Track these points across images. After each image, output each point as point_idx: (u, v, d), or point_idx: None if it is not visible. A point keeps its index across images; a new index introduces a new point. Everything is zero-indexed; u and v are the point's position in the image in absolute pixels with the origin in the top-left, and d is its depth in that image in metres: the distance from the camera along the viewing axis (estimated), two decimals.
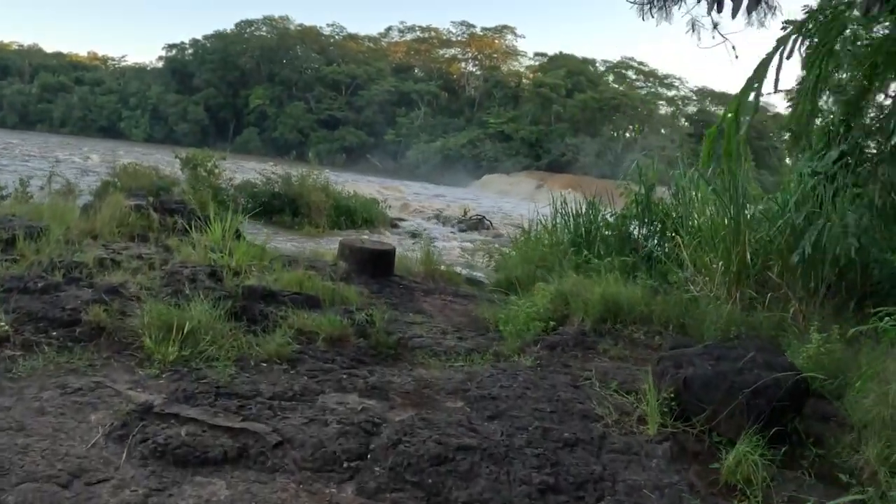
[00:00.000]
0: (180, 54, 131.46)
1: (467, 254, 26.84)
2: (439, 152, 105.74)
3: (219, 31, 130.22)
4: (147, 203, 12.75)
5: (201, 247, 9.64)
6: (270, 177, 30.62)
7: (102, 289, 7.16)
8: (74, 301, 6.60)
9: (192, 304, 6.46)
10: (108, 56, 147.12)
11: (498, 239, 35.16)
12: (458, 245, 30.62)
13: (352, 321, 7.38)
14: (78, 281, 7.47)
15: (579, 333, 8.08)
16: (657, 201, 13.42)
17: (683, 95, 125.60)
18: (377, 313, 7.76)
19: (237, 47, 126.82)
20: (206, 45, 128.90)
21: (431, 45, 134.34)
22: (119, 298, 6.98)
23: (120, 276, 7.84)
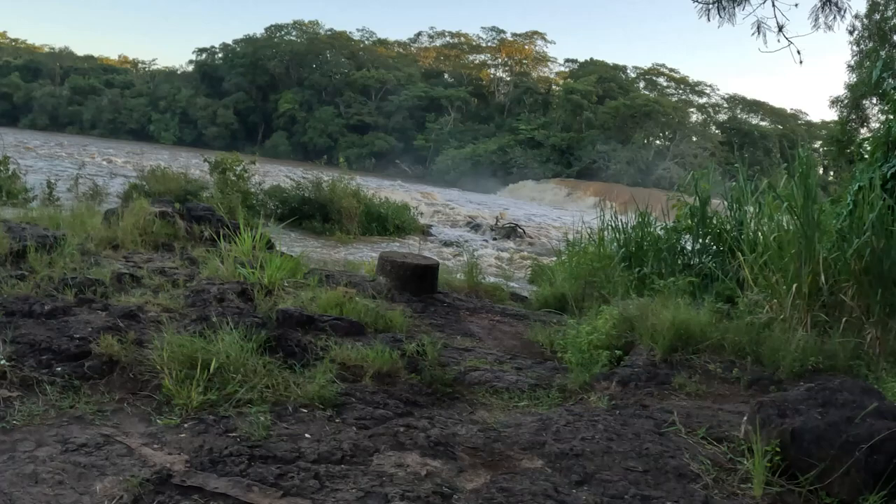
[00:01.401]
0: (210, 58, 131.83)
1: (503, 263, 26.06)
2: (469, 158, 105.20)
3: (248, 36, 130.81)
4: (173, 210, 11.94)
5: (229, 260, 8.83)
6: (301, 181, 29.89)
7: (118, 312, 6.34)
8: (85, 328, 5.76)
9: (219, 333, 5.58)
10: (139, 59, 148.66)
11: (532, 248, 34.55)
12: (493, 253, 29.93)
13: (401, 352, 6.48)
14: (91, 302, 6.66)
15: (649, 365, 7.29)
16: (711, 214, 12.60)
17: (714, 103, 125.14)
18: (429, 343, 6.85)
19: (267, 52, 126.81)
20: (236, 49, 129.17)
21: (461, 51, 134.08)
22: (136, 324, 6.16)
23: (138, 297, 7.04)
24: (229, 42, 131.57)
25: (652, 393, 6.67)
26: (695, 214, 12.54)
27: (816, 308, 8.52)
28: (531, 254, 31.42)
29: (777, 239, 9.37)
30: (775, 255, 9.22)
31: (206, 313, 6.37)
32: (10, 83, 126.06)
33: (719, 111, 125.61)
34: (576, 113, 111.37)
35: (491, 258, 27.82)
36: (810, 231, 8.88)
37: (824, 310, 8.50)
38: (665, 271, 11.74)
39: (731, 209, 12.50)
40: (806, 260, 8.74)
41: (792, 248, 8.95)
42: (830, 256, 8.75)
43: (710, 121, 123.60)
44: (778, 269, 9.12)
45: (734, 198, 12.69)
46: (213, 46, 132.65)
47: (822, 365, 7.29)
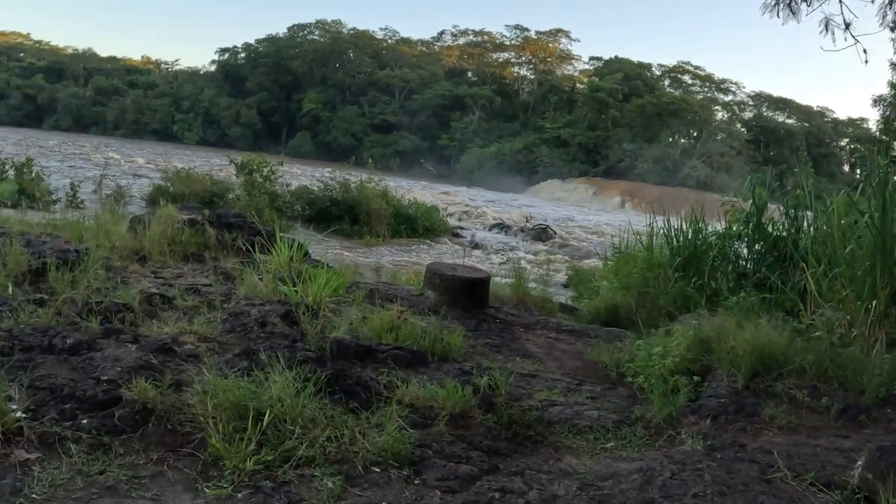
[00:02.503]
0: (233, 58, 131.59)
1: (537, 267, 25.43)
2: (494, 157, 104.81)
3: (271, 36, 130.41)
4: (202, 217, 11.22)
5: (267, 275, 8.07)
6: (328, 183, 29.47)
7: (150, 345, 5.58)
8: (113, 367, 4.98)
9: (268, 372, 4.84)
10: (162, 60, 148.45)
11: (564, 250, 33.96)
12: (524, 256, 29.41)
13: (473, 387, 5.73)
14: (119, 333, 5.89)
15: (733, 393, 6.67)
16: (766, 221, 11.78)
17: (740, 101, 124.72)
18: (500, 376, 6.11)
19: (290, 51, 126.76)
20: (259, 49, 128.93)
21: (485, 49, 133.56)
22: (171, 360, 5.39)
23: (172, 325, 6.29)
24: (252, 42, 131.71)
25: (744, 428, 6.12)
26: (750, 220, 11.74)
27: (891, 325, 7.94)
28: (564, 256, 30.94)
29: (851, 251, 8.74)
30: (847, 268, 8.60)
31: (250, 346, 5.59)
32: (34, 85, 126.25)
33: (745, 109, 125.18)
34: (601, 111, 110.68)
35: (523, 261, 27.24)
36: (890, 243, 8.29)
37: None
38: (723, 282, 11.22)
39: (787, 215, 11.68)
40: (883, 274, 8.12)
41: (867, 261, 8.35)
42: None
43: (735, 119, 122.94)
44: (850, 282, 8.50)
45: (791, 203, 11.92)
46: (236, 46, 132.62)
47: None
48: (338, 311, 7.60)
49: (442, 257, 26.42)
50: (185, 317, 6.69)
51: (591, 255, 33.17)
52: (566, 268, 25.03)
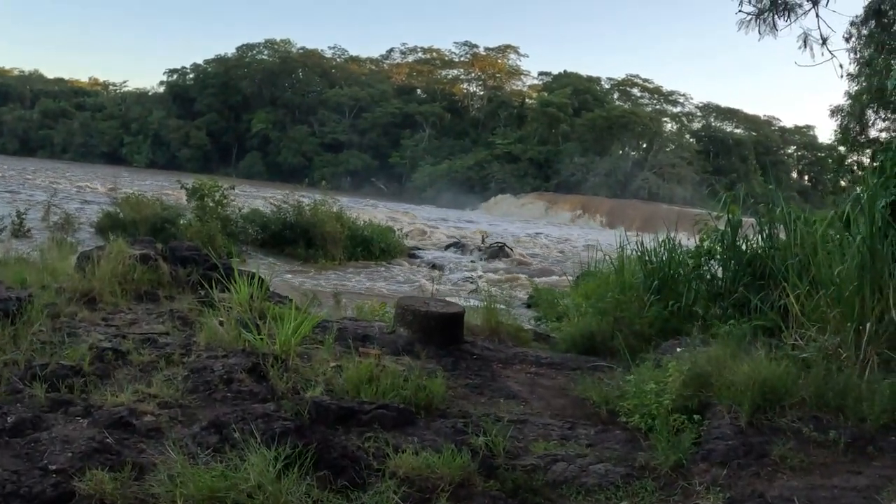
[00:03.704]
0: (181, 79, 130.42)
1: (495, 286, 24.99)
2: (445, 175, 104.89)
3: (220, 56, 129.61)
4: (155, 252, 10.56)
5: (229, 319, 7.41)
6: (281, 206, 28.88)
7: (104, 420, 4.91)
8: (63, 451, 4.31)
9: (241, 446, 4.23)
10: (110, 81, 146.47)
11: (522, 268, 33.68)
12: (482, 276, 29.03)
13: (469, 449, 5.17)
14: (68, 405, 5.23)
15: (738, 432, 6.28)
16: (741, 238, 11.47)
17: (688, 112, 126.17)
18: (496, 430, 5.59)
19: (238, 71, 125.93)
20: (208, 69, 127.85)
21: (434, 66, 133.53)
22: (130, 437, 4.75)
23: (128, 389, 5.60)
24: (200, 62, 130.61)
25: (758, 473, 5.78)
26: (725, 238, 11.38)
27: (880, 345, 7.58)
28: (523, 274, 30.70)
29: (840, 272, 8.35)
30: (836, 289, 8.25)
31: (219, 416, 4.95)
32: None
33: (693, 120, 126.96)
34: (552, 126, 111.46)
35: (482, 281, 26.91)
36: (879, 263, 8.05)
37: (890, 348, 7.53)
38: (699, 303, 10.72)
39: (762, 232, 11.33)
40: (872, 294, 7.85)
41: (854, 281, 8.04)
42: None
43: (684, 130, 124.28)
44: (836, 303, 8.17)
45: (766, 220, 11.59)
46: (184, 67, 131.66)
47: None
48: (307, 356, 7.01)
49: (399, 282, 25.99)
50: (141, 375, 6.06)
51: (550, 272, 33.03)
52: (527, 287, 24.75)
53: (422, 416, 6.22)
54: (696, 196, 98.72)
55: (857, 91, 15.66)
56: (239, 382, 5.84)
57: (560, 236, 57.54)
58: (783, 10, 11.18)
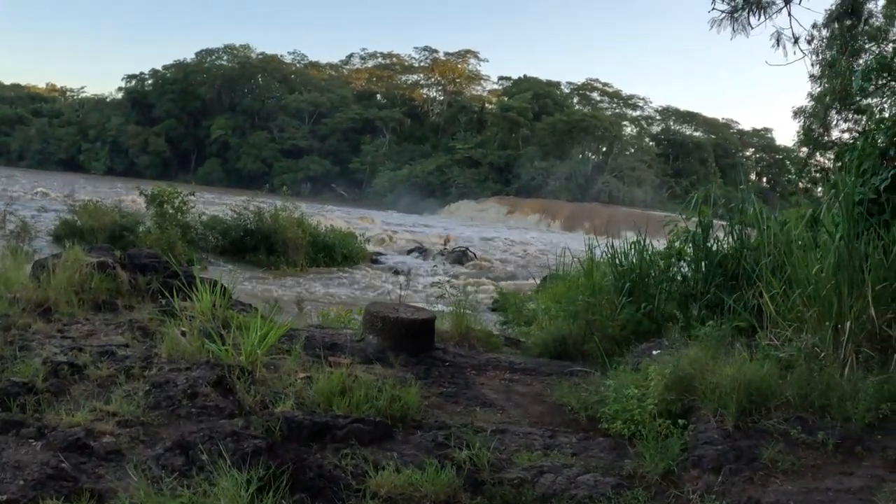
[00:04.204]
0: (140, 85, 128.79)
1: (459, 290, 24.79)
2: (406, 180, 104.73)
3: (179, 61, 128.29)
4: (113, 259, 10.16)
5: (191, 329, 7.04)
6: (242, 212, 28.52)
7: (59, 442, 4.51)
8: (15, 479, 3.93)
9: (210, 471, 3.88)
10: (67, 87, 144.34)
11: (485, 272, 33.56)
12: (445, 280, 28.84)
13: (453, 463, 4.87)
14: (20, 426, 4.80)
15: (725, 436, 6.25)
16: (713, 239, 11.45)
17: (648, 115, 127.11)
18: (479, 442, 5.30)
19: (197, 77, 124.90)
20: (167, 75, 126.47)
21: (394, 72, 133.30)
22: (88, 461, 4.37)
23: (84, 407, 5.22)
24: (159, 68, 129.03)
25: (751, 478, 5.71)
26: (696, 239, 11.34)
27: (860, 343, 7.62)
28: (486, 278, 30.62)
29: (818, 271, 8.34)
30: (814, 288, 8.22)
31: (184, 435, 4.58)
32: None
33: (653, 123, 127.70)
34: (512, 130, 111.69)
35: (446, 285, 26.69)
36: (857, 261, 8.02)
37: (869, 345, 7.61)
38: (671, 305, 10.77)
39: (733, 232, 11.34)
40: (851, 292, 7.81)
41: (831, 280, 8.03)
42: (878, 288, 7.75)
43: (644, 133, 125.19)
44: (813, 302, 8.16)
45: (736, 220, 11.53)
46: (143, 73, 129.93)
47: (888, 411, 6.64)
48: (274, 366, 6.67)
49: (363, 287, 25.71)
50: (99, 391, 5.68)
51: (513, 276, 32.95)
52: (491, 291, 24.62)
53: (399, 428, 5.94)
54: (656, 199, 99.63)
55: (821, 92, 15.69)
56: (204, 397, 5.50)
57: (521, 240, 57.60)
58: (757, 8, 11.11)
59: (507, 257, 42.78)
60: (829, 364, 7.41)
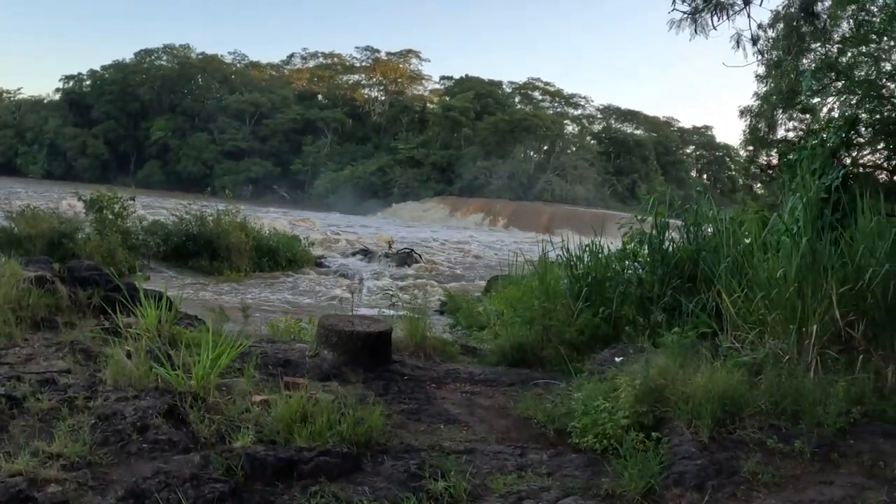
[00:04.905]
0: (78, 86, 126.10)
1: (405, 293, 24.67)
2: (348, 181, 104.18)
3: (117, 62, 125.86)
4: (52, 273, 9.68)
5: (137, 349, 6.58)
6: (184, 216, 28.05)
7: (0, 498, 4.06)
8: None
9: None
10: (3, 89, 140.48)
11: (431, 274, 33.41)
12: (392, 283, 28.66)
13: (427, 495, 4.56)
14: None
15: (702, 449, 6.17)
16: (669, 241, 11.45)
17: (589, 114, 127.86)
18: (453, 470, 4.99)
19: (136, 77, 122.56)
20: (105, 75, 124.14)
21: (335, 72, 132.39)
22: None
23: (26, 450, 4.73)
24: (97, 68, 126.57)
25: (734, 494, 5.67)
26: (653, 242, 11.30)
27: (823, 346, 7.70)
28: (432, 280, 30.46)
29: (782, 274, 8.26)
30: (778, 291, 8.15)
31: (138, 484, 4.16)
32: None
33: (594, 122, 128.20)
34: (454, 130, 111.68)
35: (392, 289, 26.57)
36: (822, 262, 8.06)
37: (833, 347, 7.68)
38: (629, 309, 10.68)
39: (688, 235, 11.36)
40: (815, 294, 7.85)
41: (794, 283, 8.00)
42: (841, 290, 7.74)
43: (586, 132, 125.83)
44: (775, 305, 8.13)
45: (691, 221, 11.52)
46: (81, 73, 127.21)
47: (858, 414, 6.76)
48: (226, 388, 6.28)
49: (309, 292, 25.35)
50: (41, 427, 5.24)
51: (459, 277, 32.85)
52: (438, 293, 24.44)
53: (365, 454, 5.62)
54: (598, 196, 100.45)
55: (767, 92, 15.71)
56: (155, 429, 5.09)
57: (465, 240, 57.60)
58: (718, 10, 11.05)
59: (451, 258, 42.70)
60: (795, 367, 7.37)
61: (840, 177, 10.01)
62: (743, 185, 41.80)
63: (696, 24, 11.18)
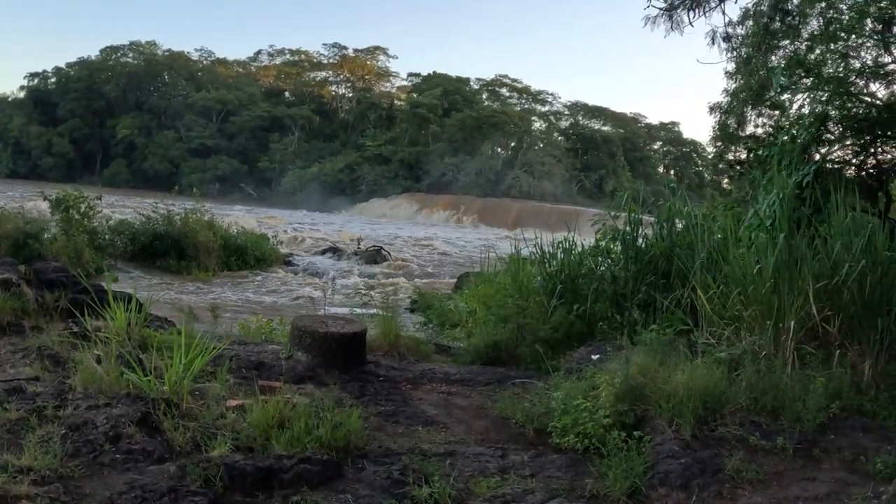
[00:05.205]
0: (43, 83, 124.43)
1: (375, 290, 24.61)
2: (316, 178, 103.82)
3: (83, 59, 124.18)
4: (17, 275, 9.47)
5: (107, 354, 6.40)
6: (151, 216, 27.80)
7: None
8: None
9: None
10: None
11: (401, 271, 33.38)
12: (361, 281, 28.62)
13: (412, 502, 4.44)
14: None
15: (685, 447, 6.17)
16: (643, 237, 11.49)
17: (557, 111, 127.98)
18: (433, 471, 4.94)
19: (102, 75, 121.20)
20: (70, 73, 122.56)
21: (302, 69, 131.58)
22: None
23: None
24: (62, 66, 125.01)
25: (719, 492, 5.68)
26: (626, 239, 11.28)
27: (800, 341, 7.76)
28: (401, 278, 30.47)
29: (758, 270, 8.26)
30: (755, 288, 8.17)
31: (113, 499, 4.01)
32: None
33: (562, 118, 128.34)
34: (422, 127, 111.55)
35: (364, 287, 26.65)
36: (800, 258, 8.07)
37: (809, 343, 7.77)
38: (603, 305, 10.68)
39: (661, 231, 11.39)
40: (791, 290, 7.90)
41: (770, 279, 8.02)
42: (818, 285, 7.76)
43: (553, 128, 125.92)
44: (752, 301, 8.16)
45: (664, 217, 11.58)
46: (46, 71, 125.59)
47: (837, 409, 6.85)
48: (200, 394, 6.12)
49: (278, 291, 25.24)
50: (10, 438, 5.06)
51: (429, 274, 32.83)
52: (408, 291, 24.42)
53: (348, 463, 5.49)
54: (566, 192, 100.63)
55: (737, 88, 15.75)
56: (128, 439, 4.94)
57: (433, 236, 57.61)
58: (693, 5, 11.08)
59: (420, 255, 42.64)
60: (772, 363, 7.44)
61: (811, 173, 10.02)
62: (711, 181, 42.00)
63: (672, 20, 11.18)
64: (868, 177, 12.58)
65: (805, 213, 9.22)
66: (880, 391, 7.38)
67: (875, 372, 7.58)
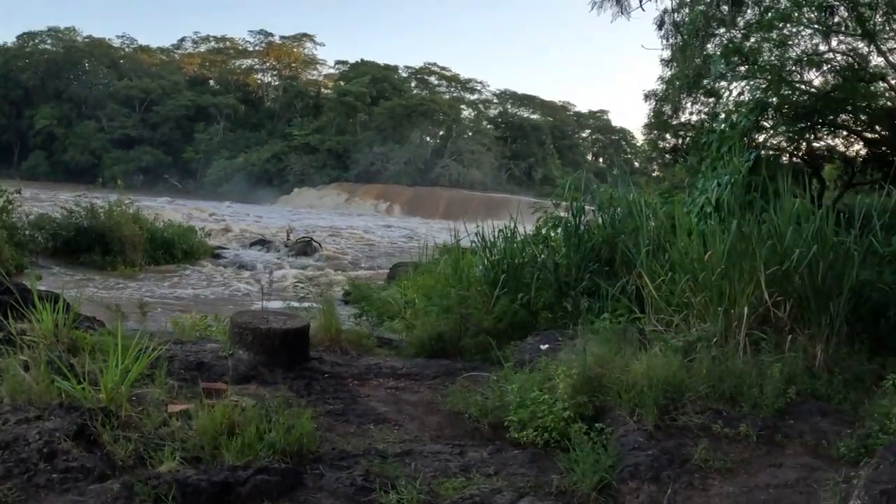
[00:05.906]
0: None
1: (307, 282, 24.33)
2: (242, 168, 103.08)
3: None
4: None
5: (35, 361, 5.89)
6: (73, 209, 27.08)
7: None
8: None
9: None
10: None
11: (332, 262, 33.14)
12: (293, 273, 28.39)
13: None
14: None
15: (649, 439, 6.15)
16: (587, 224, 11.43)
17: (486, 99, 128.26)
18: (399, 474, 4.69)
19: (19, 62, 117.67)
20: None
21: (227, 56, 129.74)
22: None
23: None
24: None
25: (690, 483, 5.65)
26: (568, 226, 11.24)
27: (750, 328, 7.83)
28: (332, 269, 30.26)
29: (709, 256, 8.26)
30: (707, 274, 8.20)
31: None
32: None
33: (491, 107, 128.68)
34: (350, 115, 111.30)
35: (292, 278, 26.73)
36: (753, 245, 8.08)
37: (760, 329, 7.86)
38: (547, 294, 10.69)
39: (603, 219, 11.35)
40: (742, 277, 7.96)
41: (721, 265, 8.05)
42: (769, 271, 7.87)
43: (482, 116, 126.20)
44: (701, 288, 8.20)
45: (605, 205, 11.56)
46: None
47: (794, 394, 6.94)
48: (138, 399, 5.71)
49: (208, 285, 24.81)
50: None
51: (360, 265, 32.61)
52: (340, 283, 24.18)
53: (306, 470, 5.21)
54: (495, 181, 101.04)
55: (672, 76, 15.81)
56: (65, 455, 4.51)
57: (363, 227, 57.35)
58: None
59: (350, 246, 42.31)
60: (724, 349, 7.47)
61: (752, 159, 10.07)
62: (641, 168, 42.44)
63: (621, 5, 11.13)
64: (803, 163, 12.70)
65: (756, 199, 9.20)
66: (834, 375, 7.42)
67: (827, 356, 7.63)
